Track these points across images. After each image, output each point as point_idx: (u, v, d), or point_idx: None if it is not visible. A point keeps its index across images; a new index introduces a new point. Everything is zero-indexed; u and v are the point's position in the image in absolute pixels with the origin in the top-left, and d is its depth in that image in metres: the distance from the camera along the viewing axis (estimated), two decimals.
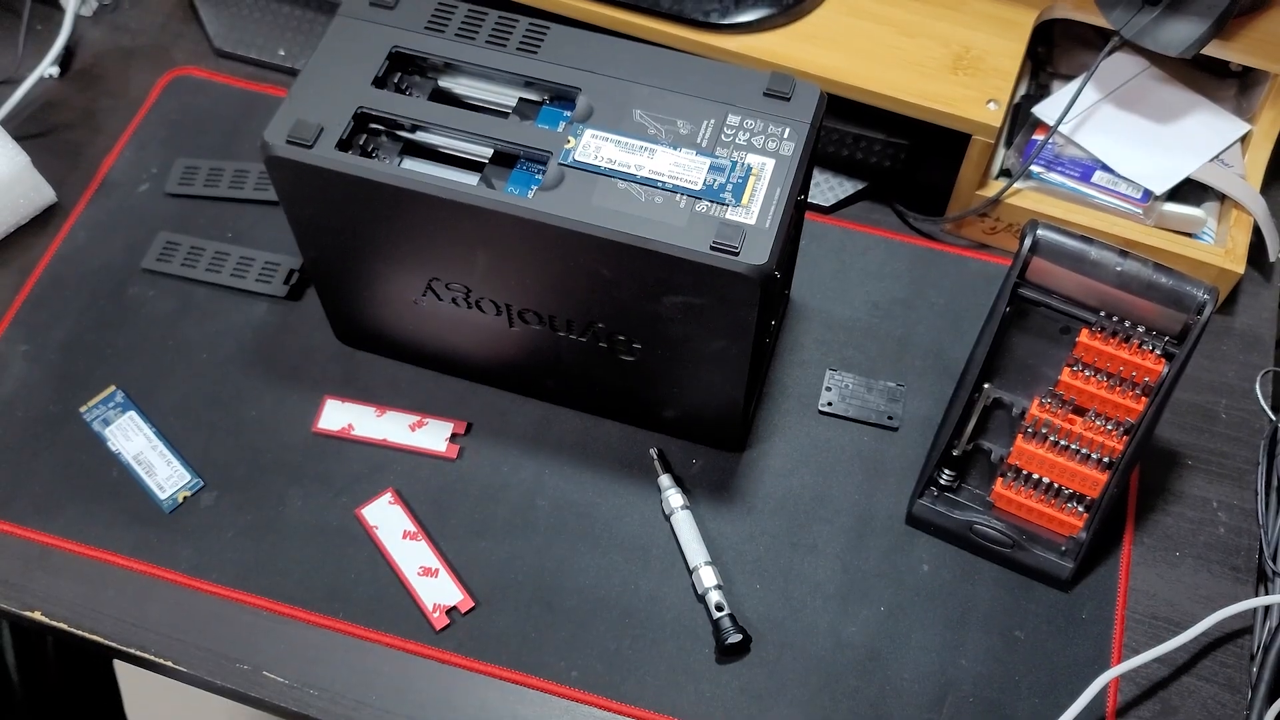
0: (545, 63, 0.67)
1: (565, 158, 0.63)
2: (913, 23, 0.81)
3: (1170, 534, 0.74)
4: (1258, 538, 0.73)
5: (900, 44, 0.80)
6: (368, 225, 0.67)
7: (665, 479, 0.74)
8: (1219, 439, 0.77)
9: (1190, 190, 0.81)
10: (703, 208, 0.62)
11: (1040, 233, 0.65)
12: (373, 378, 0.78)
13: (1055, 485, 0.70)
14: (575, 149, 0.64)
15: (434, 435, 0.76)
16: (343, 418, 0.77)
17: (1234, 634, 0.71)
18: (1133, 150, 0.80)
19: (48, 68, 0.90)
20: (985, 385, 0.69)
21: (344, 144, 0.64)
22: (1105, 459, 0.68)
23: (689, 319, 0.65)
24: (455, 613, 0.70)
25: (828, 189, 0.86)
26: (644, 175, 0.63)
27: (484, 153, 0.67)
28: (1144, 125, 0.81)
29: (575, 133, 0.64)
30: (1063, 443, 0.68)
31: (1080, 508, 0.70)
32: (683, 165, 0.63)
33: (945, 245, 0.85)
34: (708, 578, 0.70)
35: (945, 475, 0.72)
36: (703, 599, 0.70)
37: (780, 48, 0.80)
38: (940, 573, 0.72)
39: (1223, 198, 0.81)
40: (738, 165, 0.63)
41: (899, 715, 0.68)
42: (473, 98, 0.69)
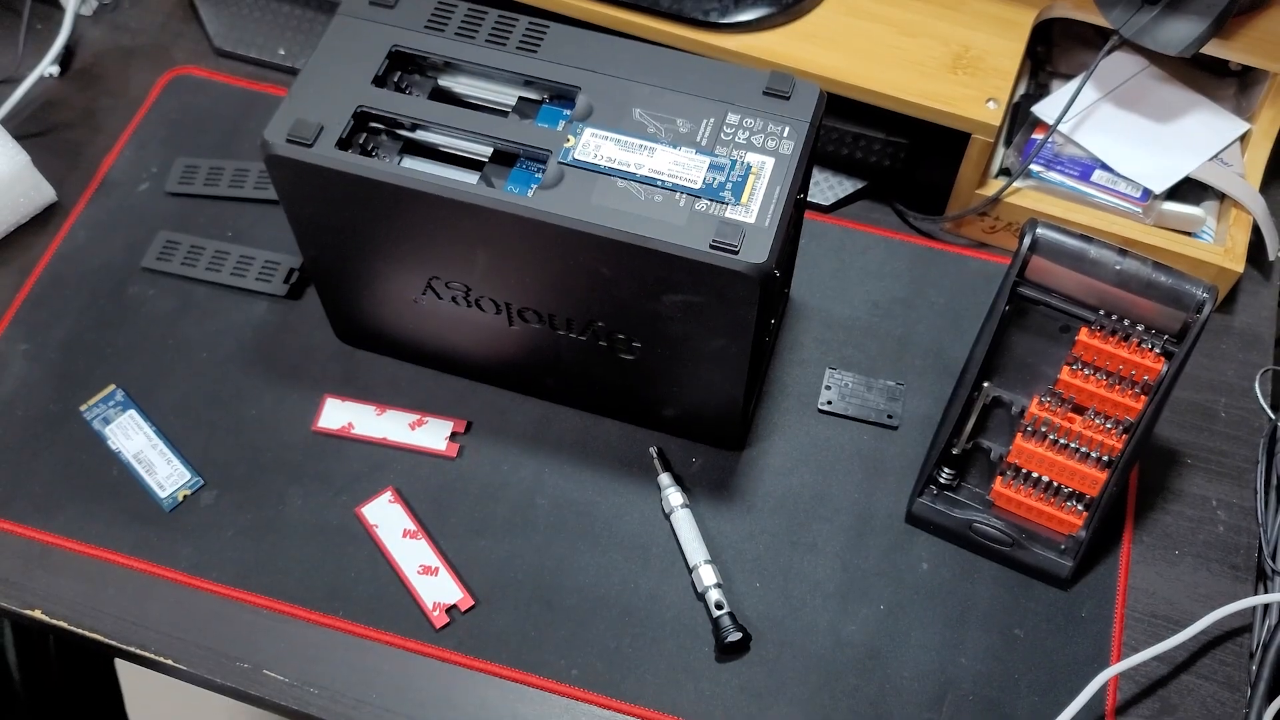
0: (545, 62, 0.67)
1: (565, 156, 0.63)
2: (912, 22, 0.81)
3: (1169, 532, 0.74)
4: (1257, 536, 0.73)
5: (900, 43, 0.80)
6: (367, 224, 0.67)
7: (665, 477, 0.74)
8: (1218, 438, 0.77)
9: (1190, 189, 0.81)
10: (702, 206, 0.62)
11: (1040, 231, 0.65)
12: (372, 376, 0.78)
13: (1055, 484, 0.70)
14: (575, 148, 0.64)
15: (434, 434, 0.76)
16: (343, 416, 0.77)
17: (1233, 632, 0.71)
18: (1132, 149, 0.80)
19: (48, 67, 0.90)
20: (985, 384, 0.69)
21: (344, 143, 0.64)
22: (1105, 457, 0.68)
23: (689, 318, 0.65)
24: (455, 611, 0.71)
25: (827, 188, 0.86)
26: (644, 174, 0.63)
27: (484, 151, 0.67)
28: (1143, 124, 0.81)
29: (575, 131, 0.64)
30: (1062, 441, 0.68)
31: (1080, 506, 0.70)
32: (682, 164, 0.63)
33: (945, 244, 0.85)
34: (707, 576, 0.70)
35: (945, 474, 0.73)
36: (702, 597, 0.70)
37: (780, 47, 0.80)
38: (940, 571, 0.72)
39: (1222, 197, 0.81)
40: (737, 164, 0.63)
41: (899, 714, 0.68)
42: (472, 97, 0.69)
